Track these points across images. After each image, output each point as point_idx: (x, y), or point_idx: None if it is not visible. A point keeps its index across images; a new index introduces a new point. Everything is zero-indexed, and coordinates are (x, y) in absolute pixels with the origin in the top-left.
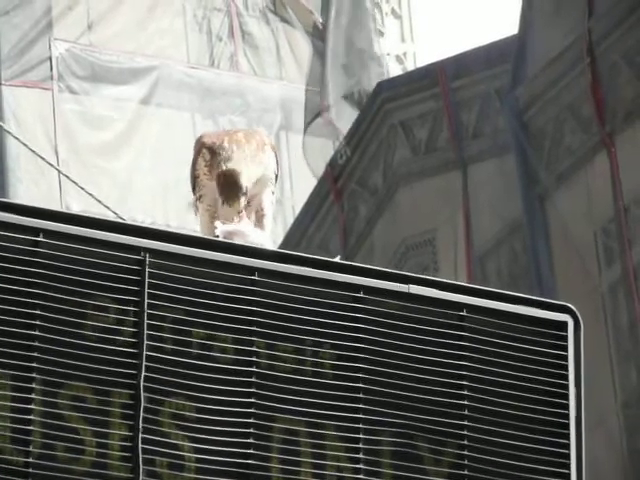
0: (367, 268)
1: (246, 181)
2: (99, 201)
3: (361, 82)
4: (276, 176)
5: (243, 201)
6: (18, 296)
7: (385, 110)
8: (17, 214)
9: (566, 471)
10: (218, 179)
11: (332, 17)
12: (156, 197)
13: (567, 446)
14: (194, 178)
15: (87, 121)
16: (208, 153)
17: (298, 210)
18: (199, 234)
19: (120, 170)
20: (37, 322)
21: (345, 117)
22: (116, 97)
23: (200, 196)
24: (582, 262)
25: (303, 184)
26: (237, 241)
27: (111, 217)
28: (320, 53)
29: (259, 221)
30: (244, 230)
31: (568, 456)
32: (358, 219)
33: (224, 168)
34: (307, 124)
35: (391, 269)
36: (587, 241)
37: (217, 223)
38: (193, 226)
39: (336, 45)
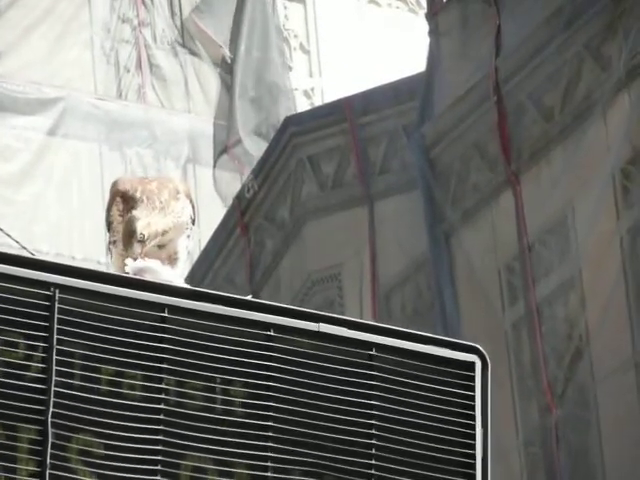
0: (278, 306)
1: (145, 229)
2: (1, 229)
3: (270, 116)
4: (193, 220)
5: (138, 248)
6: None
7: (293, 144)
8: None
9: None
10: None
11: (242, 51)
12: (61, 228)
13: None
14: (108, 223)
15: None
16: (121, 201)
17: (204, 243)
18: (109, 270)
19: (25, 201)
20: None
21: (254, 151)
22: (23, 127)
23: (114, 241)
24: (486, 299)
25: (210, 217)
26: (148, 278)
27: (17, 249)
28: (228, 87)
29: (171, 263)
30: (154, 267)
31: None
32: (265, 253)
33: (127, 217)
34: (216, 158)
35: (297, 304)
36: (491, 278)
37: (128, 260)
38: (98, 258)
39: (245, 79)
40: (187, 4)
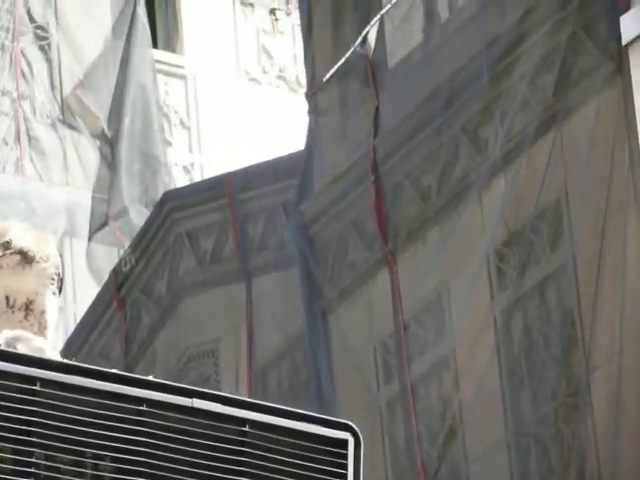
0: (150, 381)
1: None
2: None
3: (150, 190)
4: (61, 280)
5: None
6: None
7: (172, 219)
8: None
9: None
10: None
11: (126, 123)
12: None
13: None
14: None
15: None
16: None
17: (80, 317)
18: None
19: None
20: None
21: (138, 222)
22: None
23: None
24: (362, 377)
25: (86, 291)
26: (20, 347)
27: None
28: (107, 160)
29: (41, 332)
30: (27, 335)
31: None
32: (141, 327)
33: None
34: (93, 232)
35: (173, 379)
36: (367, 356)
37: (4, 331)
38: None
39: (129, 151)
40: (67, 78)
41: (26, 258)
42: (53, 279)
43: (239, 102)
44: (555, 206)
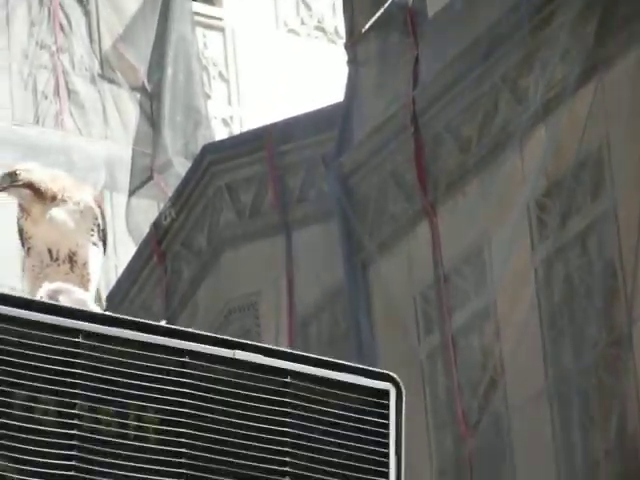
0: (193, 333)
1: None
2: None
3: (191, 143)
4: (103, 233)
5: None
6: None
7: (211, 173)
8: None
9: None
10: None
11: (169, 75)
12: None
13: None
14: (19, 231)
15: None
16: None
17: (121, 270)
18: (23, 294)
19: None
20: None
21: (177, 177)
22: None
23: (28, 249)
24: (402, 328)
25: (127, 244)
26: (63, 299)
27: None
28: (147, 113)
29: (83, 284)
30: (69, 287)
31: None
32: (182, 281)
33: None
34: (136, 186)
35: (214, 332)
36: (407, 308)
37: (44, 284)
38: (14, 283)
39: (169, 105)
40: (106, 32)
41: (40, 194)
42: (92, 229)
43: (278, 54)
44: (596, 155)
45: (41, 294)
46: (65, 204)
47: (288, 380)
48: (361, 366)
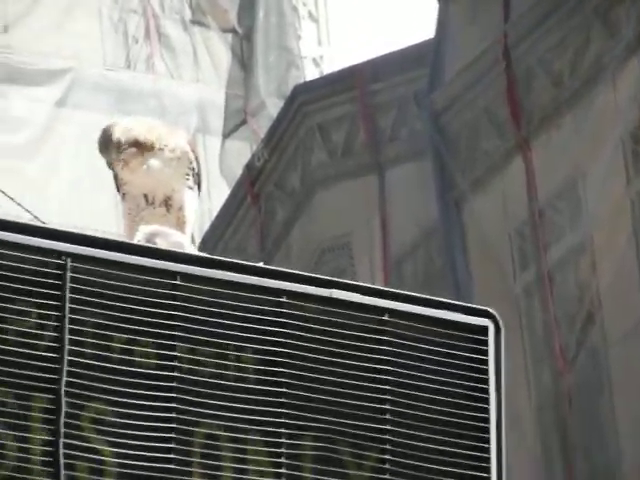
0: (289, 272)
1: (124, 134)
2: (13, 200)
3: (283, 84)
4: (198, 177)
5: (113, 153)
6: None
7: (303, 113)
8: None
9: (486, 475)
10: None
11: (260, 17)
12: (72, 199)
13: (487, 450)
14: (114, 177)
15: (3, 123)
16: (115, 150)
17: (215, 213)
18: (121, 238)
19: (35, 172)
20: None
21: (270, 119)
22: (31, 99)
23: (123, 194)
24: (497, 265)
25: (220, 187)
26: (159, 241)
27: (28, 219)
28: (238, 57)
29: (179, 227)
30: (166, 230)
31: (488, 460)
32: (275, 222)
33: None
34: (230, 129)
35: (309, 272)
36: (502, 244)
37: (141, 227)
38: (109, 228)
39: (262, 47)
40: None
41: (143, 146)
42: (188, 174)
43: None
44: None
45: (138, 237)
46: (162, 152)
47: (386, 318)
48: (460, 303)
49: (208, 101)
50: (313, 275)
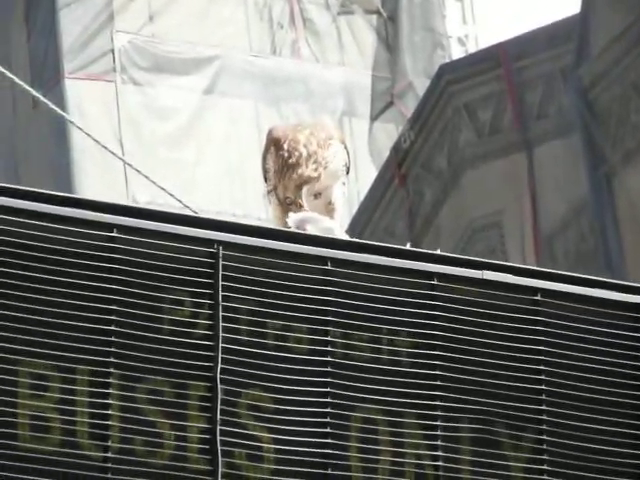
0: (440, 255)
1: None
2: (164, 189)
3: (429, 65)
4: (347, 168)
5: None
6: (95, 292)
7: (449, 93)
8: (91, 210)
9: None
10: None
11: (403, 0)
12: (221, 186)
13: None
14: (265, 172)
15: (151, 112)
16: (274, 150)
17: (363, 196)
18: (271, 225)
19: (184, 160)
20: (114, 317)
21: (413, 101)
22: (179, 87)
23: (270, 190)
24: None
25: (367, 169)
26: (309, 227)
27: (178, 208)
28: (382, 38)
29: (329, 213)
30: (315, 216)
31: None
32: (423, 203)
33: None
34: (378, 112)
35: (459, 252)
36: None
37: (290, 214)
38: (258, 214)
39: (408, 28)
40: None
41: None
42: (340, 173)
43: None
44: None
45: (289, 224)
46: (325, 171)
47: (539, 298)
48: (615, 281)
49: (354, 84)
50: (464, 257)
